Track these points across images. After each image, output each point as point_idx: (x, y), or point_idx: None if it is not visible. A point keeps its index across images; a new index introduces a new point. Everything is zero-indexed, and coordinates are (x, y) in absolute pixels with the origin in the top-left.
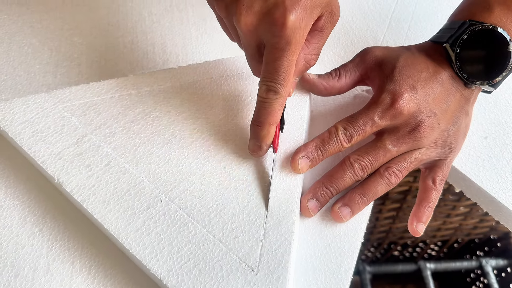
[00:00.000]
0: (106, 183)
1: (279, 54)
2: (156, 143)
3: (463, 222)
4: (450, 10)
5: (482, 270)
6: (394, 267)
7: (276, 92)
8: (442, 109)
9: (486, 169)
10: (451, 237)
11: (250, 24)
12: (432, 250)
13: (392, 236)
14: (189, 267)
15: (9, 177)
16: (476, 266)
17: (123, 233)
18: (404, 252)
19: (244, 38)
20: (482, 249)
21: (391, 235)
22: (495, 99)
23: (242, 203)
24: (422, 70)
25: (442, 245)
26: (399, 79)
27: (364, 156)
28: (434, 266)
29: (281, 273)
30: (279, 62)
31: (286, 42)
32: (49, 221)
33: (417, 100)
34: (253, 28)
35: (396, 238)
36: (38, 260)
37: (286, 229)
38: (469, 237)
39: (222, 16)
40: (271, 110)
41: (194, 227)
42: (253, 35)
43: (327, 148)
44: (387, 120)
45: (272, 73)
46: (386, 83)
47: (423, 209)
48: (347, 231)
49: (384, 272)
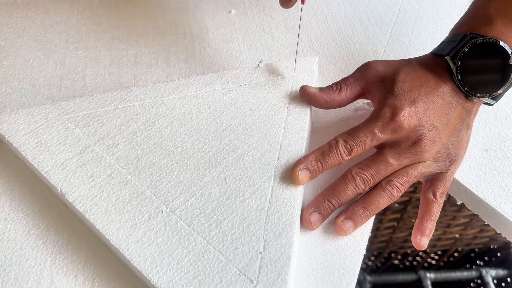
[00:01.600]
0: (108, 193)
1: None
2: (158, 154)
3: (463, 232)
4: (450, 24)
5: (482, 280)
6: (394, 277)
7: None
8: (443, 122)
9: (487, 181)
10: (451, 247)
11: None
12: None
13: (392, 246)
14: (189, 278)
15: (14, 190)
16: (476, 276)
17: (124, 243)
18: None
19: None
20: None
21: (391, 245)
22: (496, 112)
23: (242, 215)
24: (423, 84)
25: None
26: (400, 94)
27: (366, 170)
28: (434, 276)
29: (281, 285)
30: None
31: None
32: (53, 234)
33: (417, 114)
34: None
35: (396, 247)
36: (41, 273)
37: (286, 241)
38: (469, 247)
39: None
40: None
41: (194, 238)
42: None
43: (327, 160)
44: (388, 134)
45: None
46: (387, 98)
47: (426, 222)
48: (350, 244)
49: (384, 281)
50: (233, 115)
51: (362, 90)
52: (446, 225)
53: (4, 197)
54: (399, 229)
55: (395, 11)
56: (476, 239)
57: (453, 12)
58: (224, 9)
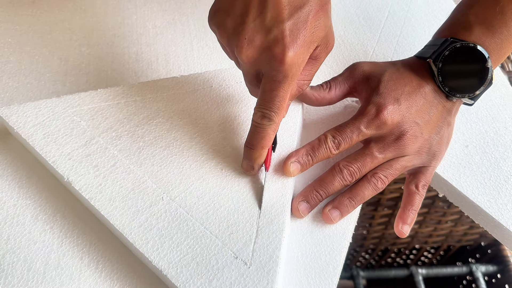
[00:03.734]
0: (112, 182)
1: (276, 86)
2: (158, 146)
3: (454, 229)
4: (437, 26)
5: (472, 276)
6: (387, 272)
7: (270, 119)
8: (425, 119)
9: (467, 175)
10: (443, 244)
11: (251, 56)
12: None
13: (385, 242)
14: (188, 260)
15: (22, 178)
16: (467, 272)
17: (127, 228)
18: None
19: (244, 67)
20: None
21: (384, 241)
22: (476, 110)
23: (237, 203)
24: (406, 84)
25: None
26: (384, 92)
27: (352, 163)
28: (426, 272)
29: (272, 267)
30: (275, 92)
31: (284, 75)
32: (59, 219)
33: (400, 112)
34: (253, 60)
35: (389, 244)
36: (49, 255)
37: (277, 227)
38: (460, 243)
39: (224, 44)
40: (264, 135)
41: (192, 224)
42: (252, 66)
43: (316, 154)
44: (373, 129)
45: (268, 102)
46: (372, 96)
47: (408, 212)
48: (336, 232)
49: (378, 277)
50: (229, 110)
51: (350, 89)
52: (437, 221)
53: (13, 185)
54: (391, 225)
55: (384, 12)
56: (467, 235)
57: (440, 15)
58: None
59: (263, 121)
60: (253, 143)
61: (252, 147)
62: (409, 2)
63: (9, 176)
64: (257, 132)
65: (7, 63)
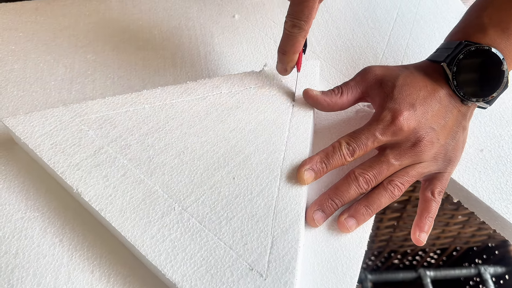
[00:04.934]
0: (123, 192)
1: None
2: (169, 155)
3: (462, 231)
4: (447, 27)
5: (480, 277)
6: (394, 275)
7: (300, 27)
8: (440, 125)
9: (483, 180)
10: (450, 245)
11: None
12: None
13: (392, 245)
14: (202, 272)
15: (29, 190)
16: (474, 274)
17: (139, 240)
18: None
19: None
20: (480, 257)
21: (391, 244)
22: (490, 113)
23: (251, 212)
24: (421, 89)
25: (442, 253)
26: (399, 98)
27: (368, 170)
28: (433, 274)
29: (288, 278)
30: (305, 3)
31: None
32: (69, 231)
33: (416, 117)
34: None
35: (396, 246)
36: (59, 269)
37: (293, 237)
38: (467, 245)
39: None
40: (295, 41)
41: (206, 235)
42: None
43: (331, 162)
44: (388, 136)
45: (298, 12)
46: (387, 102)
47: (425, 219)
48: (352, 241)
49: (385, 280)
50: (240, 117)
51: (362, 94)
52: (445, 223)
53: (20, 196)
54: (399, 228)
55: (393, 15)
56: (475, 237)
57: (449, 16)
58: (227, 14)
59: (293, 29)
60: (286, 49)
61: (284, 52)
62: (418, 4)
63: (16, 188)
64: (289, 39)
65: (11, 72)
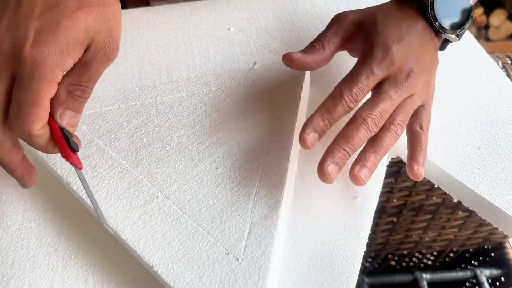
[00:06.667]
0: (109, 182)
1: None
2: (156, 147)
3: (458, 234)
4: None
5: (477, 279)
6: (391, 278)
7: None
8: (423, 56)
9: (482, 177)
10: (447, 248)
11: None
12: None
13: (389, 248)
14: (179, 256)
15: (26, 201)
16: (471, 276)
17: (121, 225)
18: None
19: None
20: (477, 259)
21: (388, 247)
22: (486, 112)
23: (231, 200)
24: (401, 22)
25: (438, 255)
26: (384, 31)
27: (374, 109)
28: (430, 277)
29: (264, 262)
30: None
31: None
32: (64, 241)
33: (404, 49)
34: None
35: (393, 249)
36: (53, 279)
37: (271, 223)
38: (464, 247)
39: None
40: None
41: (185, 221)
42: None
43: (333, 115)
44: (385, 69)
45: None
46: (373, 38)
47: (419, 152)
48: (348, 240)
49: (382, 282)
50: (227, 111)
51: (342, 42)
52: (441, 226)
53: (17, 208)
54: (396, 232)
55: None
56: (470, 240)
57: None
58: (223, 27)
59: None
60: None
61: None
62: None
63: (14, 200)
64: None
65: None
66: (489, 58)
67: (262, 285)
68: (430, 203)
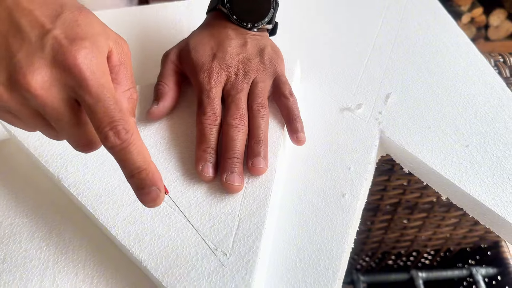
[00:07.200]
0: (100, 179)
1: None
2: (146, 145)
3: (453, 232)
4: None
5: (473, 278)
6: (387, 276)
7: None
8: (235, 51)
9: (469, 174)
10: (443, 247)
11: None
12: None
13: (385, 246)
14: (168, 251)
15: (18, 196)
16: (467, 275)
17: (111, 222)
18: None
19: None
20: (473, 257)
21: (384, 245)
22: (475, 111)
23: (220, 197)
24: (211, 39)
25: (434, 254)
26: (196, 57)
27: (235, 112)
28: (426, 275)
29: (251, 257)
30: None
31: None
32: (55, 236)
33: (223, 61)
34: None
35: (389, 248)
36: (44, 272)
37: (259, 219)
38: (459, 246)
39: None
40: None
41: (175, 217)
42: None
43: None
44: (221, 84)
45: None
46: (192, 64)
47: (295, 122)
48: (335, 236)
49: (378, 281)
50: None
51: (178, 78)
52: (436, 225)
53: (10, 203)
54: (391, 230)
55: (378, 22)
56: (466, 238)
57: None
58: None
59: None
60: None
61: None
62: (402, 11)
63: (6, 195)
64: None
65: None
66: (481, 55)
67: (249, 279)
68: (425, 201)
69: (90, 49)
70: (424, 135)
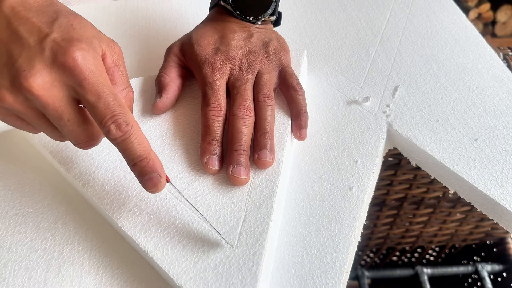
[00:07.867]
0: (105, 170)
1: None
2: (152, 136)
3: (459, 228)
4: (439, 27)
5: (478, 275)
6: (392, 272)
7: None
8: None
9: (478, 168)
10: (448, 243)
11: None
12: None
13: (390, 242)
14: (174, 242)
15: (24, 187)
16: (472, 271)
17: (117, 212)
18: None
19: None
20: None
21: (389, 241)
22: (484, 104)
23: (227, 189)
24: (214, 33)
25: (440, 250)
26: (199, 51)
27: (241, 102)
28: (431, 271)
29: (258, 249)
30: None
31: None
32: (61, 226)
33: (226, 54)
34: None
35: (394, 243)
36: (50, 263)
37: (265, 211)
38: (465, 242)
39: None
40: None
41: (181, 208)
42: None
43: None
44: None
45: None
46: (195, 58)
47: (301, 116)
48: (342, 230)
49: (383, 277)
50: None
51: (182, 71)
52: (442, 221)
53: (15, 194)
54: (396, 225)
55: (386, 14)
56: (472, 234)
57: (442, 15)
58: None
59: None
60: None
61: None
62: (411, 4)
63: (12, 186)
64: None
65: None
66: (490, 48)
67: (255, 271)
68: (431, 196)
69: (87, 50)
70: (432, 129)
